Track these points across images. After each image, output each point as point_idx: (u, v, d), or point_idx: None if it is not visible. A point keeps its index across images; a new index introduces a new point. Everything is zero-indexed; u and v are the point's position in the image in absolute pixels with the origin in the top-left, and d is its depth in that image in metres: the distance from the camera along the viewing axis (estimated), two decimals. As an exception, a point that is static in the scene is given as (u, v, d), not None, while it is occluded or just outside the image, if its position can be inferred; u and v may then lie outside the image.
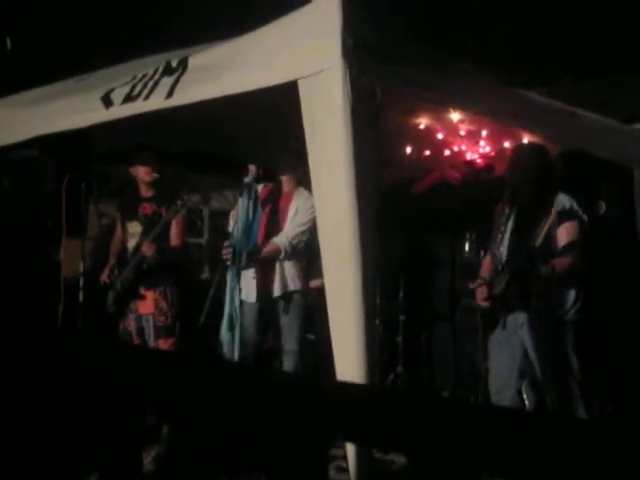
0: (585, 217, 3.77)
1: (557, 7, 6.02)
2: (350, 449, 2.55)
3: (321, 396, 1.33)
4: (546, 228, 3.43)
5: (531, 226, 3.59)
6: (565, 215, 3.65)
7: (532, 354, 3.74)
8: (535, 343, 3.72)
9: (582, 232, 3.72)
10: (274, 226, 4.21)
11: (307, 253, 4.19)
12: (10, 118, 4.06)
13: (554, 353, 3.73)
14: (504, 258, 3.85)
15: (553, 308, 3.74)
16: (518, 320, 3.76)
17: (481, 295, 3.88)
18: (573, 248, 3.63)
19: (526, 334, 3.74)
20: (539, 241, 3.43)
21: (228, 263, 3.88)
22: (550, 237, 3.59)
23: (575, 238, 3.67)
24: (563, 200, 3.72)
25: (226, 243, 3.96)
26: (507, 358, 3.84)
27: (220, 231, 5.65)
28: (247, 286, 4.12)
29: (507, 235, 3.90)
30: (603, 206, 4.73)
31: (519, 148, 4.24)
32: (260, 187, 4.18)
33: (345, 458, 2.67)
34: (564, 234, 3.68)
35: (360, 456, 2.52)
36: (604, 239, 4.32)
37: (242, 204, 3.95)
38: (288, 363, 4.22)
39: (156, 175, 4.47)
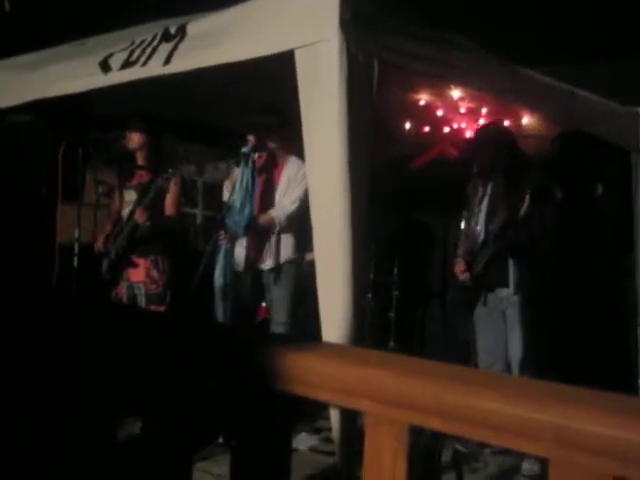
0: (558, 193, 3.84)
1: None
2: (335, 421, 2.57)
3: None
4: (527, 203, 3.50)
5: (506, 205, 3.66)
6: (539, 191, 3.70)
7: (511, 331, 3.81)
8: (513, 320, 3.78)
9: (555, 207, 3.80)
10: (268, 196, 4.19)
11: (303, 224, 4.17)
12: (6, 81, 4.03)
13: (531, 330, 3.78)
14: (481, 237, 3.90)
15: (533, 286, 3.80)
16: (498, 295, 3.85)
17: (460, 268, 3.96)
18: (547, 222, 3.70)
19: (506, 309, 3.83)
20: (522, 212, 3.50)
21: (223, 245, 3.93)
22: (527, 211, 3.65)
23: (549, 213, 3.74)
24: (536, 176, 3.78)
25: (219, 230, 3.98)
26: (493, 333, 3.92)
27: (214, 202, 5.64)
28: (240, 257, 4.11)
29: (482, 215, 3.94)
30: (600, 188, 4.74)
31: (480, 130, 4.30)
32: (255, 157, 4.13)
33: (331, 429, 2.70)
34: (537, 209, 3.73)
35: (345, 428, 2.54)
36: (599, 221, 4.33)
37: (240, 174, 3.93)
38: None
39: (144, 143, 4.42)
